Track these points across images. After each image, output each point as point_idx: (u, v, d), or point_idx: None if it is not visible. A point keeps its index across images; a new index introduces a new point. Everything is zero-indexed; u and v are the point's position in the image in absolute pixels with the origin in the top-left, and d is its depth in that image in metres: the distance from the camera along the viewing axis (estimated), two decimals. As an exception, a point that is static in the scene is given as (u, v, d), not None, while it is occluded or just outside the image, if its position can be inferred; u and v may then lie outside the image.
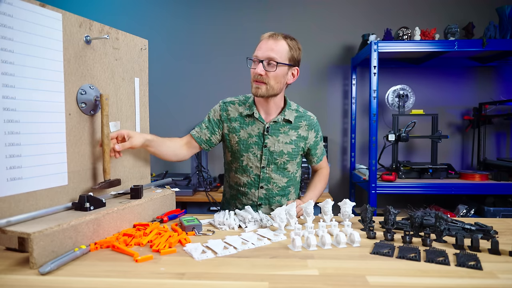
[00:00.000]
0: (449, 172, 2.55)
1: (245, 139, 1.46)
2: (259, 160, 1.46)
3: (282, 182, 1.50)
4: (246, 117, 1.47)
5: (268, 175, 1.47)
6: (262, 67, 1.34)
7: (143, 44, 1.39)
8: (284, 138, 1.46)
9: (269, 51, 1.33)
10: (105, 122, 1.15)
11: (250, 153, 1.46)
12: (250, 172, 1.48)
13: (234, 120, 1.48)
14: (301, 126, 1.48)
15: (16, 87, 0.92)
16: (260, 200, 1.49)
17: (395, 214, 1.16)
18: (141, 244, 0.99)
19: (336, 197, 2.90)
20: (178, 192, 2.11)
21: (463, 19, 2.78)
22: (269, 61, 1.33)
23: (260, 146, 1.45)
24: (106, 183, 1.17)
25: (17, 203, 0.93)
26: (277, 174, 1.48)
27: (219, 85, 3.05)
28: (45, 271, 0.80)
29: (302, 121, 1.49)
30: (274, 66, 1.34)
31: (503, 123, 2.91)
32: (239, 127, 1.47)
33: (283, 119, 1.46)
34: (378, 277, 0.80)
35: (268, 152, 1.45)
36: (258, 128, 1.46)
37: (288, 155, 1.47)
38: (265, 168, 1.46)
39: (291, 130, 1.47)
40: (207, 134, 1.50)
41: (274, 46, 1.34)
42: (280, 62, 1.34)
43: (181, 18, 3.06)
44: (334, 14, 2.99)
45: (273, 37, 1.35)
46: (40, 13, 0.98)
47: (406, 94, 2.67)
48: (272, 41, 1.34)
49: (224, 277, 0.80)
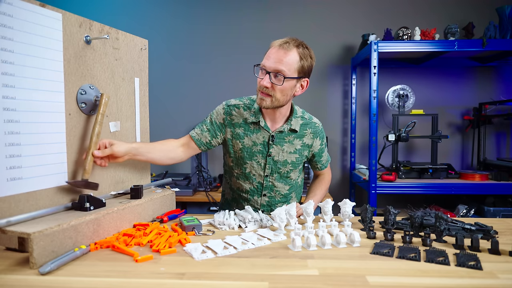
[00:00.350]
0: (449, 172, 2.55)
1: (249, 147, 1.42)
2: (263, 169, 1.43)
3: (284, 190, 1.49)
4: (251, 124, 1.41)
5: (271, 183, 1.46)
6: (269, 78, 1.26)
7: (143, 44, 1.39)
8: (288, 148, 1.43)
9: (277, 63, 1.24)
10: (99, 120, 1.12)
11: (254, 161, 1.43)
12: (253, 179, 1.45)
13: (238, 126, 1.42)
14: (306, 134, 1.45)
15: (16, 87, 0.92)
16: (262, 207, 1.49)
17: (395, 214, 1.16)
18: (141, 244, 0.99)
19: (336, 197, 2.90)
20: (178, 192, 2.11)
21: (463, 19, 2.78)
22: (276, 74, 1.25)
23: (265, 155, 1.42)
24: (83, 182, 1.09)
25: (17, 203, 0.93)
26: (280, 183, 1.47)
27: (219, 85, 3.05)
28: (45, 271, 0.80)
29: (308, 129, 1.46)
30: (281, 80, 1.25)
31: (503, 123, 2.91)
32: (244, 134, 1.42)
33: (289, 128, 1.41)
34: (378, 277, 0.80)
35: (272, 161, 1.42)
36: (263, 137, 1.41)
37: (291, 164, 1.45)
38: (268, 176, 1.44)
39: (296, 139, 1.44)
40: (208, 137, 1.43)
41: (284, 57, 1.24)
42: (288, 76, 1.25)
43: (181, 18, 3.06)
44: (334, 14, 2.99)
45: (284, 47, 1.25)
46: (40, 13, 0.98)
47: (406, 94, 2.67)
48: (282, 52, 1.25)
49: (224, 277, 0.80)
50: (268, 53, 1.28)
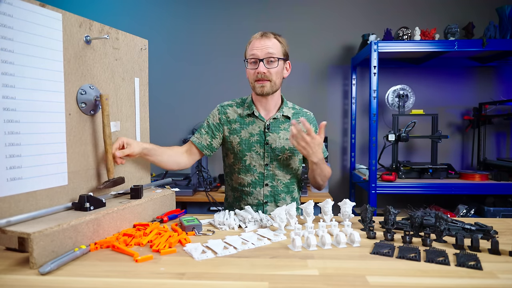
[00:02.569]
0: (449, 172, 2.55)
1: (247, 139, 1.48)
2: (262, 158, 1.48)
3: (286, 179, 1.51)
4: (246, 117, 1.50)
5: (272, 172, 1.49)
6: (263, 65, 1.38)
7: (143, 44, 1.39)
8: (284, 134, 1.48)
9: (267, 49, 1.38)
10: (106, 123, 1.15)
11: (253, 152, 1.48)
12: (254, 171, 1.49)
13: (234, 122, 1.51)
14: (299, 122, 1.49)
15: (16, 87, 0.92)
16: (266, 198, 1.50)
17: (395, 214, 1.16)
18: (141, 244, 0.99)
19: (336, 197, 2.90)
20: (178, 192, 2.11)
21: (463, 19, 2.78)
22: (269, 58, 1.38)
23: (262, 144, 1.47)
24: (110, 182, 1.18)
25: (17, 203, 0.93)
26: (281, 171, 1.49)
27: (219, 85, 3.05)
28: (45, 271, 0.80)
29: (300, 117, 1.49)
30: (275, 61, 1.39)
31: (503, 123, 2.91)
32: (240, 127, 1.49)
33: (282, 115, 1.49)
34: (378, 277, 0.80)
35: (270, 149, 1.47)
36: (258, 127, 1.48)
37: (289, 150, 1.48)
38: (268, 165, 1.48)
39: (292, 127, 1.48)
40: (208, 139, 1.51)
41: (269, 43, 1.39)
42: (279, 57, 1.40)
43: (181, 18, 3.06)
44: (334, 14, 2.99)
45: (266, 36, 1.40)
46: (40, 13, 0.98)
47: (406, 94, 2.67)
48: (266, 40, 1.39)
49: (224, 277, 0.80)
50: (252, 46, 1.41)
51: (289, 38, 2.98)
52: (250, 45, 1.43)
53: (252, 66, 1.41)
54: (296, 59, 2.99)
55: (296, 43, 2.99)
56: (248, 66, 1.42)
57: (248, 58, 1.42)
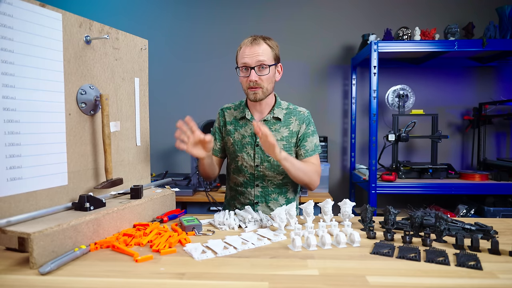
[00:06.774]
0: (449, 172, 2.55)
1: (239, 140, 1.52)
2: (253, 159, 1.50)
3: (277, 180, 1.51)
4: (240, 120, 1.54)
5: (262, 173, 1.50)
6: (255, 73, 1.37)
7: (143, 44, 1.39)
8: (275, 136, 1.49)
9: (257, 56, 1.37)
10: (105, 123, 1.15)
11: (244, 153, 1.51)
12: (245, 171, 1.52)
13: (229, 124, 1.56)
14: (292, 122, 1.51)
15: (16, 87, 0.92)
16: (257, 198, 1.52)
17: (395, 214, 1.16)
18: (141, 244, 0.99)
19: (336, 197, 2.90)
20: (178, 192, 2.11)
21: (463, 19, 2.78)
22: (260, 66, 1.37)
23: (253, 146, 1.50)
24: (108, 182, 1.18)
25: (17, 203, 0.93)
26: (272, 172, 1.50)
27: (219, 85, 3.05)
28: (45, 271, 0.80)
29: (292, 117, 1.51)
30: (266, 68, 1.39)
31: (503, 123, 2.91)
32: (234, 129, 1.54)
33: (272, 117, 1.50)
34: (378, 277, 0.80)
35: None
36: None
37: None
38: (258, 166, 1.50)
39: (282, 128, 1.50)
40: (218, 144, 1.59)
41: (259, 50, 1.37)
42: (270, 64, 1.39)
43: (181, 18, 3.06)
44: (334, 14, 2.99)
45: (255, 43, 1.39)
46: (40, 13, 0.98)
47: (406, 94, 2.67)
48: (256, 47, 1.38)
49: (224, 277, 0.80)
50: (242, 53, 1.40)
51: (289, 38, 3.02)
52: (240, 51, 1.42)
53: (244, 74, 1.41)
54: (296, 59, 2.99)
55: (296, 43, 2.99)
56: (240, 74, 1.43)
57: (240, 66, 1.42)
